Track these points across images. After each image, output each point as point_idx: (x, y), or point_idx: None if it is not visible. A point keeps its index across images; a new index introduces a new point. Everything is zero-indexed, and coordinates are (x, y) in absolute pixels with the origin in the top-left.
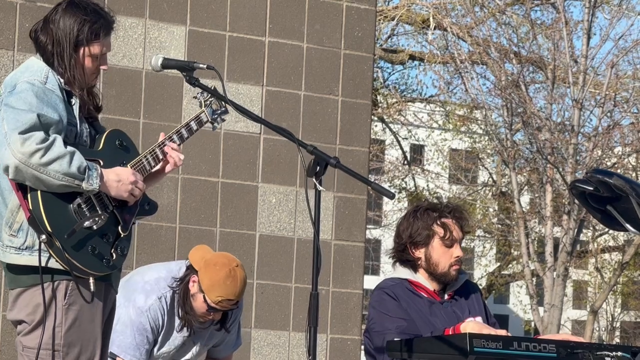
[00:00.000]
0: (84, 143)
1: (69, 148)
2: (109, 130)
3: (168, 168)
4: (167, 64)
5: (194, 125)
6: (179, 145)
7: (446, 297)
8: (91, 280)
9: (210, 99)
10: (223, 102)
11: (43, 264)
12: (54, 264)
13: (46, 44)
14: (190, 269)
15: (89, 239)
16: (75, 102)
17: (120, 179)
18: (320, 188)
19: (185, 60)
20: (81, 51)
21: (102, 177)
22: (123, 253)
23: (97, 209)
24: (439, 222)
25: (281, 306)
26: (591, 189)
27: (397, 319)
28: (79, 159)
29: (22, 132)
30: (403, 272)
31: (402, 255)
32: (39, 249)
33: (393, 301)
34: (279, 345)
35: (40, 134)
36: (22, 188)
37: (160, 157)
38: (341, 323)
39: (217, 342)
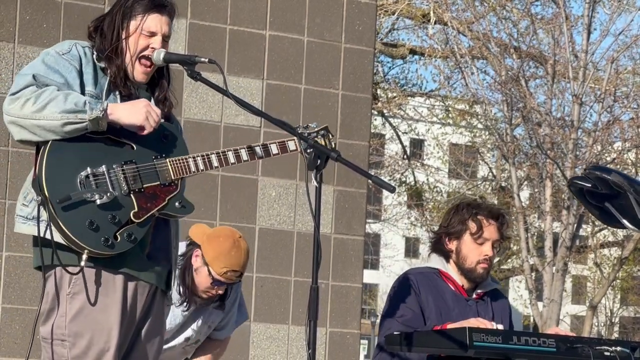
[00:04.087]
0: None
1: (65, 91)
2: (162, 123)
3: None
4: (169, 58)
5: (274, 148)
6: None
7: (474, 296)
8: (84, 255)
9: (312, 134)
10: (330, 143)
11: (42, 234)
12: (53, 235)
13: (97, 22)
14: (192, 245)
15: (89, 211)
16: (106, 78)
17: (131, 104)
18: (315, 184)
19: (186, 54)
20: (126, 25)
21: (108, 108)
22: (131, 239)
23: (109, 186)
24: (474, 219)
25: (281, 300)
26: (589, 185)
27: (407, 309)
28: (76, 96)
29: (14, 93)
30: (436, 262)
31: (437, 245)
32: (38, 217)
33: (412, 291)
34: (278, 338)
35: (30, 88)
36: (37, 151)
37: (215, 164)
38: (341, 317)
39: (218, 326)
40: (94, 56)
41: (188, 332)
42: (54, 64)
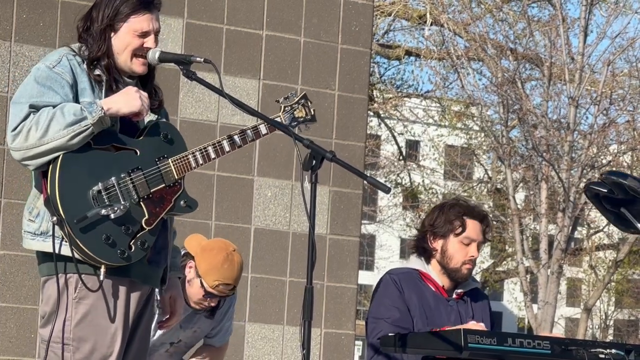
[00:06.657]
0: (111, 128)
1: (58, 106)
2: (156, 121)
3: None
4: (165, 57)
5: (263, 129)
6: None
7: (454, 296)
8: (102, 269)
9: (294, 105)
10: (310, 110)
11: (56, 250)
12: (66, 250)
13: (85, 22)
14: (186, 256)
15: (105, 227)
16: (101, 87)
17: (124, 94)
18: (307, 185)
19: (182, 54)
20: (116, 27)
21: (103, 104)
22: (144, 247)
23: (120, 198)
24: (460, 219)
25: (275, 300)
26: (605, 190)
27: (394, 309)
28: (71, 107)
29: (14, 129)
30: (415, 263)
31: (420, 243)
32: (53, 235)
33: (396, 290)
34: (273, 339)
35: (28, 119)
36: (45, 170)
37: (212, 156)
38: (335, 318)
39: (210, 334)
40: (85, 64)
41: (175, 339)
42: (46, 80)
